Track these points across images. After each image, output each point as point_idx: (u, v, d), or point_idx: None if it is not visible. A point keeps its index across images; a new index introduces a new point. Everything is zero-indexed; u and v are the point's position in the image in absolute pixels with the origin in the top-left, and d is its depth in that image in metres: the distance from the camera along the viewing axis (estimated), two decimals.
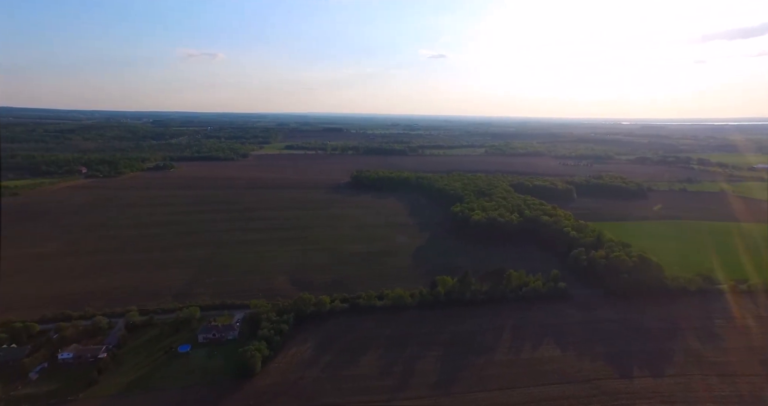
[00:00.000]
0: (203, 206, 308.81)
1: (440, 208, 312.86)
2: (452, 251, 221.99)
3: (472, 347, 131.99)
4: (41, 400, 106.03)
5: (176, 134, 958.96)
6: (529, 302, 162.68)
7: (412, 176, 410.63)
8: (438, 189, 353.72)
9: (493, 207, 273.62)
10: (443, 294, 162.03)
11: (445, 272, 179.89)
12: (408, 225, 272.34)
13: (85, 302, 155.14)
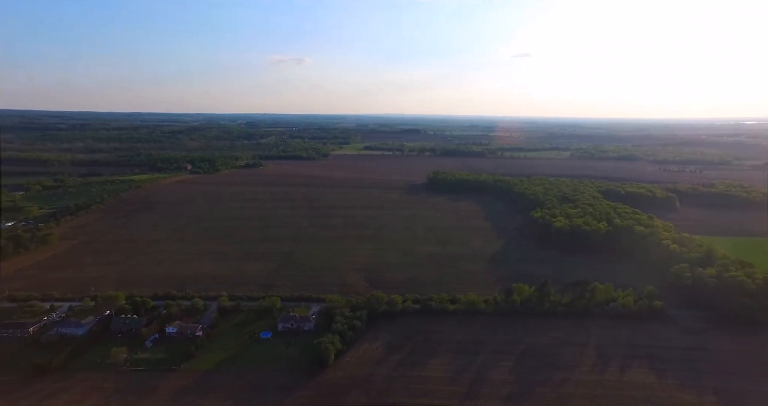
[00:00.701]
0: (286, 203, 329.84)
1: (518, 213, 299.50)
2: (530, 258, 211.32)
3: (549, 361, 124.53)
4: (154, 365, 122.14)
5: (265, 135, 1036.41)
6: (617, 320, 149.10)
7: (490, 179, 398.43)
8: (517, 193, 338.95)
9: (577, 214, 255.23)
10: (519, 303, 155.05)
11: (521, 279, 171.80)
12: (483, 229, 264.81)
13: (186, 285, 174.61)
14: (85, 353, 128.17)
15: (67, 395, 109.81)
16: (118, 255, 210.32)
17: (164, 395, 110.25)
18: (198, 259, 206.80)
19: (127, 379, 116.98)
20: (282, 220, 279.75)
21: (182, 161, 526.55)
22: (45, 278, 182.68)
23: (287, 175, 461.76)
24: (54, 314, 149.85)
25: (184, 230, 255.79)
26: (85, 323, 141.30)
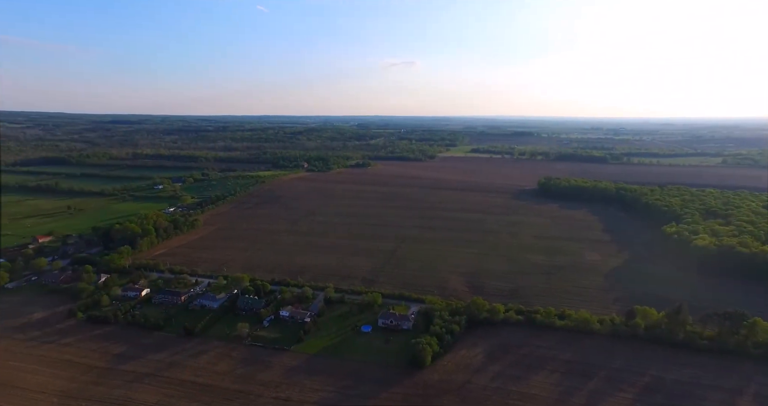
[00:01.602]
0: (392, 202, 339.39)
1: (646, 226, 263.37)
2: (659, 278, 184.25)
3: (685, 403, 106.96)
4: (269, 343, 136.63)
5: (375, 136, 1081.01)
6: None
7: (612, 187, 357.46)
8: (645, 204, 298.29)
9: (729, 232, 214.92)
10: (643, 328, 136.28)
11: (646, 301, 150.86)
12: (601, 241, 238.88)
13: (298, 274, 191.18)
14: (217, 324, 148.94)
15: (205, 358, 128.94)
16: (245, 242, 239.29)
17: (277, 371, 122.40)
18: (309, 250, 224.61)
19: (248, 351, 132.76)
20: (387, 218, 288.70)
21: (300, 160, 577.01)
22: (192, 256, 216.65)
23: (394, 176, 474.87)
24: (197, 287, 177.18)
25: (299, 222, 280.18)
26: (219, 299, 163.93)
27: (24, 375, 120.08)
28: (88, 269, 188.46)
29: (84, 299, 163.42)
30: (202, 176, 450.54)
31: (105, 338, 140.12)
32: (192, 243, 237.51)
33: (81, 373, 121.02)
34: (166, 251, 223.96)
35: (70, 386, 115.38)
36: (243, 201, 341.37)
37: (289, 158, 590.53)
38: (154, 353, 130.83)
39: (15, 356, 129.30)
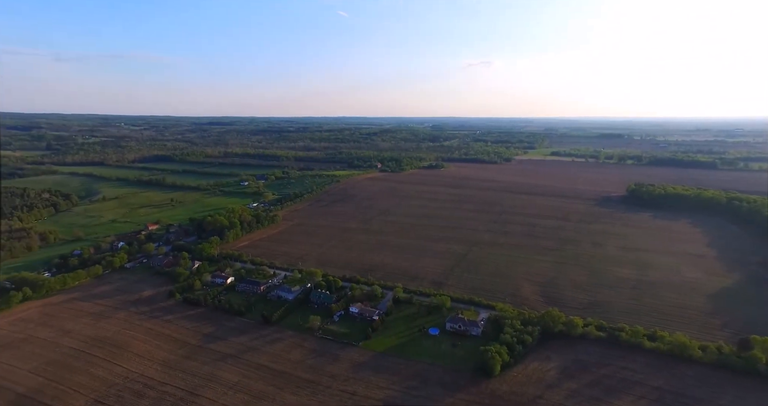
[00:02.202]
0: (464, 205, 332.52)
1: (766, 242, 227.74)
2: None
3: None
4: (339, 337, 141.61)
5: (449, 137, 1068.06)
6: None
7: (721, 196, 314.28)
8: (767, 217, 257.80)
9: None
10: (765, 362, 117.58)
11: (764, 331, 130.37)
12: (705, 257, 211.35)
13: (368, 272, 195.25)
14: (291, 315, 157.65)
15: (280, 345, 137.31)
16: (319, 238, 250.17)
17: (345, 365, 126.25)
18: (380, 249, 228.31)
19: (318, 343, 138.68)
20: (459, 221, 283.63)
21: (374, 160, 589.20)
22: (271, 249, 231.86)
23: (468, 178, 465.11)
24: (275, 279, 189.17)
25: (370, 221, 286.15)
26: (294, 291, 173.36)
27: (135, 342, 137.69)
28: (185, 255, 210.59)
29: (181, 283, 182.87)
30: (283, 174, 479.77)
31: (197, 318, 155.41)
32: (271, 237, 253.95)
33: (178, 347, 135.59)
34: (249, 243, 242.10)
35: (169, 357, 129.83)
36: (319, 199, 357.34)
37: (364, 158, 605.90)
38: (237, 337, 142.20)
39: (130, 326, 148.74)
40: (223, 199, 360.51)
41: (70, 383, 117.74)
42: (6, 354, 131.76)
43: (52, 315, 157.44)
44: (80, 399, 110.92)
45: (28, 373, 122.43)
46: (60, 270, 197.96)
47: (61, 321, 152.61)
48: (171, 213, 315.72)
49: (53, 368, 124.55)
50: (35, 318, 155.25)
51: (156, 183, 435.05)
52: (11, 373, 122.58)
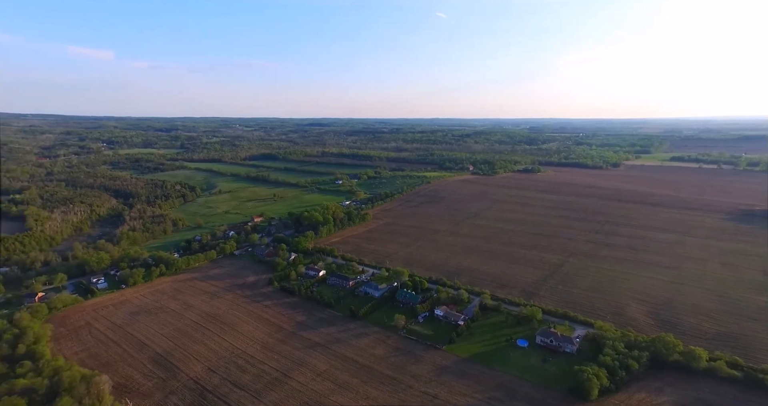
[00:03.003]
0: (561, 212, 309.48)
1: None
2: None
3: None
4: (422, 338, 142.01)
5: (548, 140, 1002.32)
6: None
7: None
8: None
9: None
10: None
11: None
12: None
13: (455, 275, 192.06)
14: (377, 312, 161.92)
15: (365, 340, 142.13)
16: (408, 238, 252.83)
17: (427, 367, 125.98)
18: (468, 253, 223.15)
19: (402, 342, 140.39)
20: (555, 229, 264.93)
21: (466, 162, 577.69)
22: (361, 246, 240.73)
23: (566, 183, 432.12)
24: (363, 275, 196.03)
25: (459, 224, 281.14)
26: (381, 289, 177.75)
27: (240, 322, 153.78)
28: (283, 247, 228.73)
29: (279, 272, 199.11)
30: (375, 174, 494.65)
31: (291, 306, 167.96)
32: (361, 234, 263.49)
33: (274, 331, 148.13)
34: (340, 239, 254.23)
35: (267, 339, 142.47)
36: (409, 199, 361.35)
37: (455, 160, 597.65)
38: (326, 327, 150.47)
39: (236, 307, 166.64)
40: (319, 196, 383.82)
41: (191, 350, 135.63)
42: (148, 319, 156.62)
43: (179, 290, 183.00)
44: (197, 365, 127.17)
45: (162, 336, 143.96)
46: (185, 252, 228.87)
47: (185, 296, 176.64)
48: (273, 207, 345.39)
49: (179, 335, 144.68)
50: (167, 291, 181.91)
51: (262, 179, 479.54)
52: (152, 334, 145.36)
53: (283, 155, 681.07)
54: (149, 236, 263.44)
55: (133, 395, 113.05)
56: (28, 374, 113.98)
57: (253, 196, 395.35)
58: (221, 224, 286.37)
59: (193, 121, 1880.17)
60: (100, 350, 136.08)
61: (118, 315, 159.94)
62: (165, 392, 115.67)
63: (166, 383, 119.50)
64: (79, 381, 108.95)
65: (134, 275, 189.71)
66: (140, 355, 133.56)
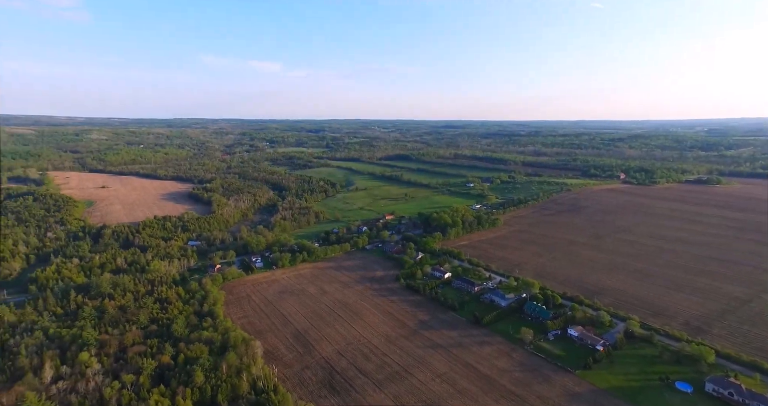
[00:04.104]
0: (748, 234, 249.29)
1: None
2: None
3: None
4: (552, 358, 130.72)
5: (736, 145, 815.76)
6: None
7: None
8: None
9: None
10: None
11: None
12: None
13: (595, 294, 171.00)
14: (502, 321, 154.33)
15: (488, 349, 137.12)
16: (540, 247, 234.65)
17: (557, 390, 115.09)
18: (612, 271, 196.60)
19: (528, 358, 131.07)
20: (738, 255, 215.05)
21: (616, 169, 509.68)
22: (489, 252, 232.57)
23: (758, 199, 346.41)
24: (489, 282, 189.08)
25: (603, 238, 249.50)
26: (507, 298, 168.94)
27: (367, 313, 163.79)
28: (411, 246, 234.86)
29: (406, 270, 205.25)
30: (509, 178, 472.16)
31: (415, 304, 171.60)
32: (490, 240, 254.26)
33: (398, 326, 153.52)
34: (468, 243, 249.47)
35: (390, 333, 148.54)
36: (544, 207, 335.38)
37: (603, 167, 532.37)
38: (448, 330, 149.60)
39: (365, 298, 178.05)
40: (449, 198, 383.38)
41: (323, 332, 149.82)
42: (291, 298, 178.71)
43: (317, 276, 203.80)
44: (328, 347, 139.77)
45: (302, 316, 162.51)
46: (324, 242, 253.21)
47: (322, 282, 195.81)
48: (404, 206, 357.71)
49: (315, 317, 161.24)
50: (307, 276, 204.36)
51: (395, 179, 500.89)
52: (294, 312, 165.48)
53: (416, 156, 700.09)
54: (296, 225, 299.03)
55: (277, 363, 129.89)
56: (209, 329, 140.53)
57: (386, 194, 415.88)
58: (356, 219, 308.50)
59: (338, 123, 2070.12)
60: (255, 320, 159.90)
61: (270, 292, 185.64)
62: (302, 365, 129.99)
63: (303, 357, 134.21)
64: (240, 342, 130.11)
65: (283, 258, 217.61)
66: (284, 329, 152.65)
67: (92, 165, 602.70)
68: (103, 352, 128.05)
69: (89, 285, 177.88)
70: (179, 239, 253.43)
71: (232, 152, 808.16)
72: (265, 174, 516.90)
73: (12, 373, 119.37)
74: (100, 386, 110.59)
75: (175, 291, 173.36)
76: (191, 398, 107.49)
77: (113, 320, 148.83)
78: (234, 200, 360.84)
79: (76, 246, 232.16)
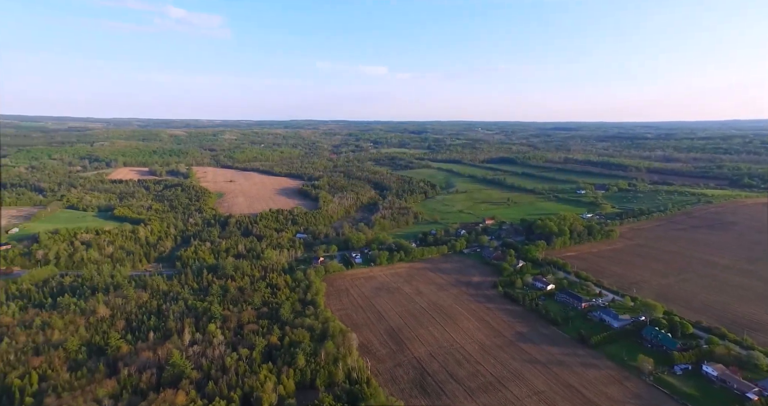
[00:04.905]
0: None
1: None
2: None
3: None
4: (680, 396, 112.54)
5: None
6: None
7: None
8: None
9: None
10: None
11: None
12: None
13: (744, 328, 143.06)
14: (614, 344, 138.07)
15: (594, 373, 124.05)
16: (666, 266, 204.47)
17: None
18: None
19: (647, 390, 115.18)
20: None
21: None
22: (600, 266, 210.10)
23: None
24: (600, 299, 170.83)
25: (757, 262, 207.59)
26: (621, 319, 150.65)
27: (462, 318, 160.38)
28: (511, 253, 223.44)
29: (504, 277, 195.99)
30: (629, 186, 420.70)
31: (513, 314, 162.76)
32: (603, 253, 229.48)
33: (493, 335, 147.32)
34: (576, 254, 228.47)
35: (485, 341, 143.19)
36: (674, 220, 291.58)
37: (763, 176, 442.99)
38: (548, 346, 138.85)
39: (460, 302, 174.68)
40: (556, 205, 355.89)
41: (416, 332, 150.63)
42: (387, 296, 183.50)
43: (412, 276, 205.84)
44: (420, 348, 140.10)
45: (396, 314, 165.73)
46: (421, 243, 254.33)
47: (417, 283, 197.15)
48: (505, 211, 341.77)
49: (409, 316, 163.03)
50: (403, 275, 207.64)
51: (497, 182, 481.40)
52: (388, 310, 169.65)
53: (521, 160, 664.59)
54: (395, 224, 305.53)
55: (370, 357, 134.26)
56: (311, 316, 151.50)
57: (486, 198, 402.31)
58: (454, 222, 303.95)
59: (440, 124, 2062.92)
60: (352, 313, 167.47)
61: (367, 287, 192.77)
62: (394, 362, 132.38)
63: (395, 354, 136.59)
64: (338, 332, 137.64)
65: (381, 256, 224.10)
66: (379, 325, 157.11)
67: (224, 161, 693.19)
68: (225, 326, 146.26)
69: (217, 266, 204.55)
70: (289, 231, 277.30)
71: (339, 152, 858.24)
72: (368, 174, 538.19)
73: (163, 333, 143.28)
74: (223, 355, 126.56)
75: (284, 279, 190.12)
76: (293, 378, 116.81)
77: (234, 299, 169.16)
78: (338, 198, 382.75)
79: (209, 232, 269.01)
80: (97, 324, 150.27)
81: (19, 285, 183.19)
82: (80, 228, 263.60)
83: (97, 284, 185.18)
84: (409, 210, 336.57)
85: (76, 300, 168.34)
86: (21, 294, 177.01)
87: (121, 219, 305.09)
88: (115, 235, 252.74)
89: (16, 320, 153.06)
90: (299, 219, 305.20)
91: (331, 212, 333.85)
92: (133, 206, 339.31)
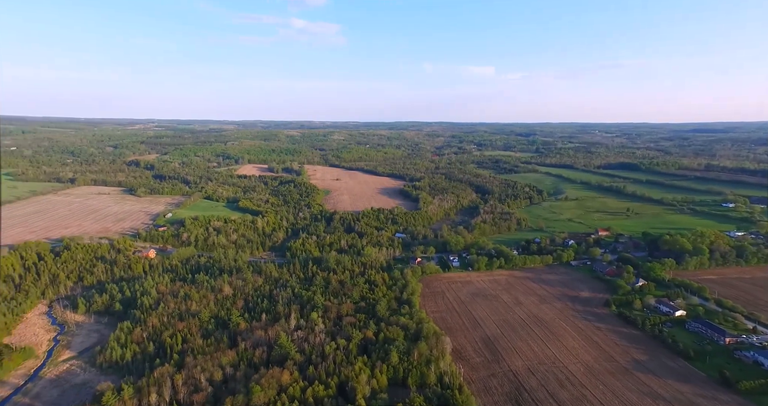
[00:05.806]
0: None
1: None
2: None
3: None
4: None
5: None
6: None
7: None
8: None
9: None
10: None
11: None
12: None
13: None
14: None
15: None
16: None
17: None
18: None
19: None
20: None
21: None
22: (753, 295, 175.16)
23: None
24: (755, 337, 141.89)
25: None
26: None
27: (566, 335, 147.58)
28: (629, 269, 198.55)
29: (619, 296, 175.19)
30: None
31: (629, 339, 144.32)
32: (758, 280, 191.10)
33: (603, 358, 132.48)
34: (717, 278, 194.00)
35: (593, 364, 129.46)
36: None
37: None
38: (675, 381, 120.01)
39: (564, 318, 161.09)
40: (691, 219, 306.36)
41: (514, 344, 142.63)
42: (484, 303, 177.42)
43: (512, 285, 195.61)
44: (518, 361, 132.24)
45: (493, 322, 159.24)
46: (523, 251, 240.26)
47: (517, 292, 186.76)
48: (623, 223, 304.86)
49: (506, 326, 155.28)
50: (502, 283, 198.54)
51: (615, 190, 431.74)
52: (485, 317, 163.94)
53: (646, 166, 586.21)
54: (495, 229, 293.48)
55: (463, 363, 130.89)
56: (406, 315, 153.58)
57: (601, 207, 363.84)
58: (562, 231, 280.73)
59: (551, 126, 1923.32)
60: (447, 316, 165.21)
61: (463, 292, 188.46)
62: (488, 372, 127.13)
63: (490, 364, 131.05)
64: (431, 334, 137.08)
65: (479, 261, 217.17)
66: (474, 331, 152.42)
67: (332, 160, 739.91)
68: (326, 316, 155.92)
69: (321, 259, 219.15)
70: (389, 230, 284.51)
71: (441, 154, 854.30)
72: (470, 176, 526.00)
73: (273, 315, 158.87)
74: (323, 343, 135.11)
75: (382, 276, 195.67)
76: (386, 374, 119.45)
77: (335, 291, 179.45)
78: (438, 199, 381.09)
79: (315, 226, 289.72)
80: (222, 301, 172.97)
81: (171, 261, 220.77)
82: (213, 216, 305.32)
83: (223, 265, 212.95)
84: (511, 215, 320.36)
85: (208, 278, 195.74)
86: (171, 268, 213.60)
87: (244, 210, 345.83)
88: (239, 224, 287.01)
89: (168, 289, 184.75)
90: (399, 219, 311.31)
91: (430, 213, 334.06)
92: (254, 199, 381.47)
